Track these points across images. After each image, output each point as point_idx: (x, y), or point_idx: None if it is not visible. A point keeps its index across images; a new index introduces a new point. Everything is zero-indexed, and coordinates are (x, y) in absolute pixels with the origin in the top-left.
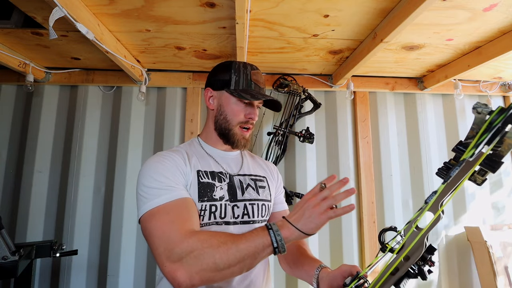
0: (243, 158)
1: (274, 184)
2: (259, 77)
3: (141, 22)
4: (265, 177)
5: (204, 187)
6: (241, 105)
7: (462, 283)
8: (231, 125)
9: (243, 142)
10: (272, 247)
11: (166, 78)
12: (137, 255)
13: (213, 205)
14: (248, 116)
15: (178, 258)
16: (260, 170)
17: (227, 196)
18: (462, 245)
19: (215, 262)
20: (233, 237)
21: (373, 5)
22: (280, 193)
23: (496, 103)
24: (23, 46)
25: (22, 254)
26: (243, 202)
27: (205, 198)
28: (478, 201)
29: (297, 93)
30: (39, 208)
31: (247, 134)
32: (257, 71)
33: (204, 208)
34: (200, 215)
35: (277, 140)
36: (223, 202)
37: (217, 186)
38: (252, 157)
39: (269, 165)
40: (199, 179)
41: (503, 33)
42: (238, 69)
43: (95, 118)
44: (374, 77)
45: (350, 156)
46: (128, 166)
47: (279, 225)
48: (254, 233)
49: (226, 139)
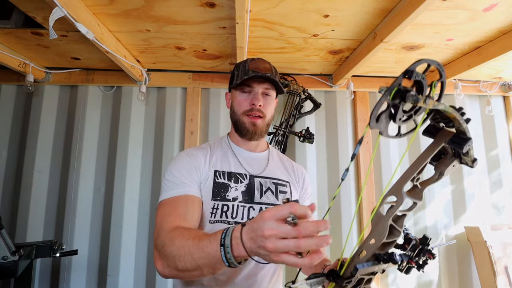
0: (269, 160)
1: (297, 190)
2: (259, 64)
3: (141, 22)
4: (288, 182)
5: (218, 186)
6: (244, 95)
7: (462, 283)
8: (238, 115)
9: (252, 129)
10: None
11: (166, 78)
12: (137, 255)
13: (225, 205)
14: (251, 103)
15: (157, 248)
16: (284, 174)
17: (241, 197)
18: (462, 245)
19: (175, 263)
20: (194, 243)
21: (373, 5)
22: (304, 200)
23: (496, 103)
24: (23, 46)
25: (22, 254)
26: (260, 205)
27: (218, 197)
28: (478, 201)
29: (297, 93)
30: (39, 208)
31: (256, 121)
32: (257, 60)
33: (216, 207)
34: (212, 213)
35: (277, 140)
36: (236, 203)
37: (232, 187)
38: (280, 159)
39: (296, 170)
40: (215, 178)
41: (503, 33)
42: (239, 65)
43: (95, 118)
44: (374, 77)
45: (350, 156)
46: (128, 166)
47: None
48: (212, 241)
49: (239, 131)
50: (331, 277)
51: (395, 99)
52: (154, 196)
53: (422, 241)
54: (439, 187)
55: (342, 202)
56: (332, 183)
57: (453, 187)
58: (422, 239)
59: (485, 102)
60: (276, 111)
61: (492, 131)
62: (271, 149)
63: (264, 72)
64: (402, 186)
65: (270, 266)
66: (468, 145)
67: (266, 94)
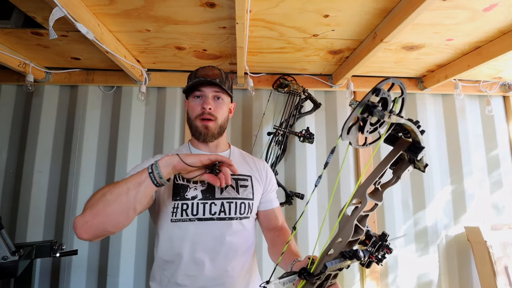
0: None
1: (261, 183)
2: (207, 71)
3: (141, 22)
4: (249, 176)
5: (178, 188)
6: (195, 100)
7: (462, 283)
8: (192, 120)
9: (204, 132)
10: (147, 174)
11: (166, 78)
12: (137, 255)
13: (184, 204)
14: (202, 107)
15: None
16: (246, 169)
17: (200, 195)
18: (462, 245)
19: (104, 195)
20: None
21: (373, 5)
22: (270, 192)
23: (496, 103)
24: (23, 46)
25: (22, 254)
26: (221, 200)
27: (178, 197)
28: (478, 201)
29: (297, 93)
30: (39, 208)
31: (208, 123)
32: (207, 67)
33: (176, 206)
34: (173, 212)
35: (277, 140)
36: (195, 201)
37: (191, 188)
38: (241, 156)
39: (258, 164)
40: (175, 180)
41: (503, 33)
42: (191, 74)
43: (95, 118)
44: (374, 77)
45: (350, 156)
46: (128, 166)
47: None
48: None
49: (195, 135)
50: (302, 275)
51: (364, 113)
52: None
53: (381, 237)
54: (439, 187)
55: (343, 203)
56: (332, 183)
57: (453, 187)
58: (381, 235)
59: (485, 102)
60: (276, 111)
61: (492, 131)
62: (233, 148)
63: (212, 78)
64: (366, 189)
65: (240, 257)
66: (422, 153)
67: (217, 98)
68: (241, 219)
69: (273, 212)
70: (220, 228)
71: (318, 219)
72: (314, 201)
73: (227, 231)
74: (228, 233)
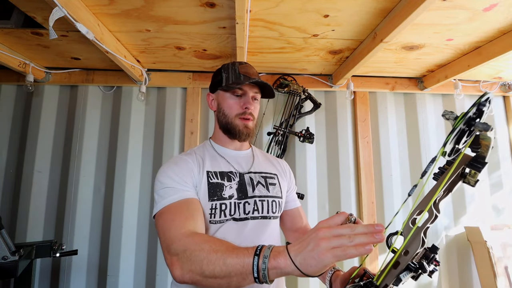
0: (254, 157)
1: (285, 181)
2: (248, 69)
3: (141, 22)
4: (276, 175)
5: (213, 187)
6: (235, 98)
7: (462, 283)
8: (230, 118)
9: (245, 131)
10: (252, 276)
11: (166, 78)
12: (137, 255)
13: (223, 204)
14: (243, 106)
15: (175, 253)
16: (271, 168)
17: (236, 194)
18: (462, 245)
19: (201, 268)
20: (226, 249)
21: (373, 5)
22: (292, 191)
23: (496, 103)
24: (23, 46)
25: (22, 254)
26: (253, 199)
27: (215, 197)
28: (478, 202)
29: (297, 93)
30: (39, 208)
31: (248, 123)
32: (246, 64)
33: (214, 207)
34: (211, 214)
35: (277, 140)
36: (232, 201)
37: (226, 186)
38: (264, 155)
39: (281, 163)
40: (209, 179)
41: (503, 33)
42: (227, 68)
43: (95, 118)
44: (374, 77)
45: (350, 156)
46: (128, 166)
47: (274, 253)
48: (246, 252)
49: (230, 133)
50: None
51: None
52: (154, 196)
53: (431, 249)
54: None
55: (343, 203)
56: (332, 183)
57: None
58: (431, 248)
59: None
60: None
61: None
62: (253, 147)
63: (254, 77)
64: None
65: None
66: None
67: (255, 98)
68: (274, 218)
69: (297, 211)
70: (255, 227)
71: (318, 219)
72: (314, 201)
73: (261, 230)
74: (262, 233)
